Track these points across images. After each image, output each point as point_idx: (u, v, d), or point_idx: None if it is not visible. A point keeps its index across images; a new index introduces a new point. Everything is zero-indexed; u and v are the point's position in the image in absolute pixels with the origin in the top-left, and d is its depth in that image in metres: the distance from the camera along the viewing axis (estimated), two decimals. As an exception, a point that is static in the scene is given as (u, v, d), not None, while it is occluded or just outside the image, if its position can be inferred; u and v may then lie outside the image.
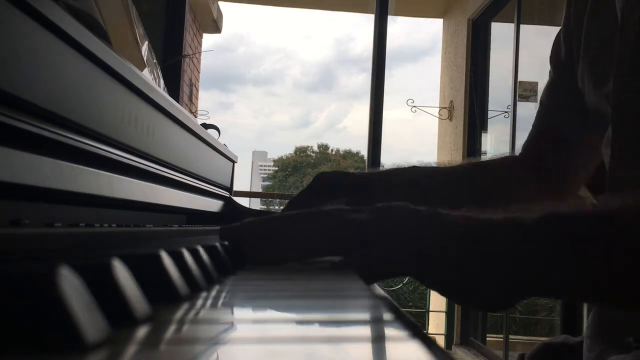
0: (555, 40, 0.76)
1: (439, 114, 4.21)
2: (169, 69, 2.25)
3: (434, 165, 0.83)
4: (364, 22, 72.21)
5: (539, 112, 0.79)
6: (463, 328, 3.67)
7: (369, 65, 2.99)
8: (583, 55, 0.68)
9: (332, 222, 0.45)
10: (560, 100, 0.75)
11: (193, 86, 3.55)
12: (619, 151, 0.59)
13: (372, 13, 3.01)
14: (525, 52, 3.27)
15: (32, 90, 0.41)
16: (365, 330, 0.24)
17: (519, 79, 3.24)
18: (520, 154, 0.82)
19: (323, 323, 0.25)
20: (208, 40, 9.49)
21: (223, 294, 0.33)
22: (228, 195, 1.26)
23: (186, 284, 0.29)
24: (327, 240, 0.45)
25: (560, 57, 0.74)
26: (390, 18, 3.02)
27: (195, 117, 3.06)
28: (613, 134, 0.60)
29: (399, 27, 65.23)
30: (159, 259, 0.27)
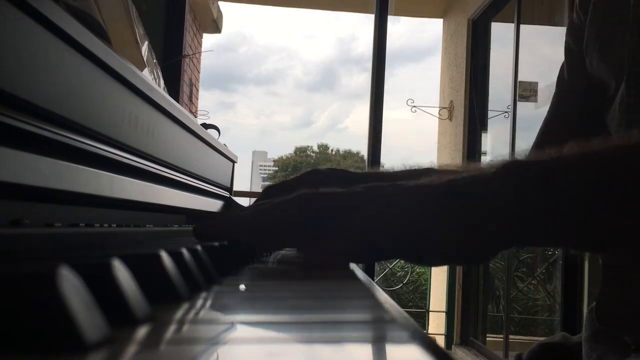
0: (570, 17, 0.75)
1: (439, 114, 4.21)
2: (169, 69, 2.24)
3: (438, 167, 0.80)
4: (367, 22, 72.17)
5: (556, 92, 0.77)
6: (463, 328, 3.67)
7: (371, 65, 2.98)
8: (590, 25, 0.67)
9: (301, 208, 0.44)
10: (578, 76, 0.73)
11: (193, 86, 3.55)
12: (634, 113, 0.58)
13: (372, 13, 3.01)
14: (525, 52, 3.27)
15: (32, 90, 0.41)
16: (367, 333, 0.24)
17: (519, 79, 3.24)
18: (534, 144, 0.79)
19: (324, 323, 0.25)
20: (209, 40, 9.49)
21: (223, 294, 0.33)
22: (228, 195, 1.26)
23: (186, 284, 0.29)
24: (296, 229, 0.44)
25: (575, 28, 0.72)
26: (393, 18, 3.02)
27: (195, 117, 3.06)
28: (627, 97, 0.58)
29: (402, 27, 65.24)
30: (159, 259, 0.27)
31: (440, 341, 3.61)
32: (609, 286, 0.62)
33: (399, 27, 59.78)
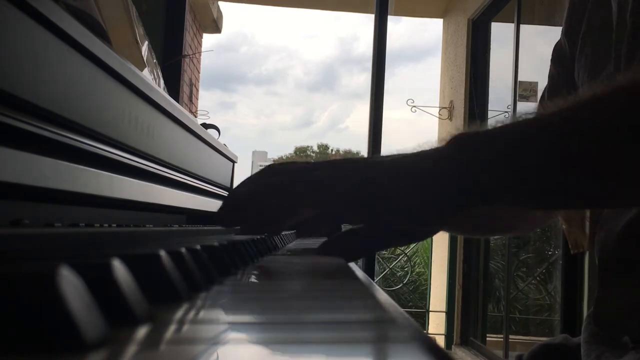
0: (558, 42, 0.76)
1: (439, 114, 4.21)
2: (169, 69, 2.24)
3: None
4: (367, 22, 72.04)
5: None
6: (463, 328, 3.67)
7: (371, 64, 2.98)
8: (581, 50, 0.68)
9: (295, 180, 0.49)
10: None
11: (193, 86, 3.55)
12: None
13: (373, 13, 3.00)
14: (525, 52, 3.27)
15: (32, 90, 0.41)
16: (368, 333, 0.24)
17: (519, 79, 3.24)
18: None
19: (324, 324, 0.25)
20: (209, 40, 9.48)
21: (223, 294, 0.33)
22: (228, 195, 1.26)
23: (186, 284, 0.29)
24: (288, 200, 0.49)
25: (563, 54, 0.73)
26: (394, 18, 3.02)
27: (195, 117, 3.06)
28: None
29: (402, 26, 65.04)
30: (159, 259, 0.27)
31: (440, 341, 3.61)
32: (605, 289, 0.62)
33: (399, 27, 59.97)
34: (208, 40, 7.42)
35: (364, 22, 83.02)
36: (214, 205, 1.13)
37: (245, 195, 0.51)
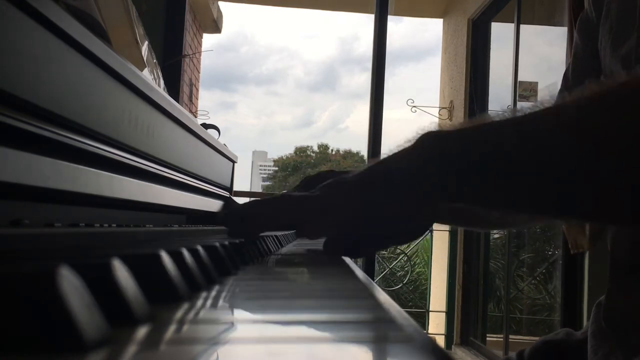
0: (583, 11, 0.74)
1: (439, 114, 4.21)
2: (169, 69, 2.24)
3: None
4: (368, 22, 71.95)
5: (561, 91, 0.76)
6: (463, 328, 3.67)
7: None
8: (606, 14, 0.66)
9: (285, 200, 0.58)
10: (584, 76, 0.72)
11: (193, 86, 3.55)
12: None
13: (373, 13, 3.00)
14: (525, 52, 3.27)
15: (32, 90, 0.41)
16: (367, 332, 0.24)
17: (519, 79, 3.24)
18: None
19: (324, 323, 0.25)
20: (209, 40, 9.48)
21: (223, 294, 0.33)
22: (228, 195, 1.26)
23: (186, 284, 0.29)
24: (283, 215, 0.56)
25: (588, 23, 0.72)
26: (396, 18, 3.03)
27: (195, 117, 3.06)
28: None
29: (403, 26, 65.07)
30: (159, 259, 0.27)
31: (440, 341, 3.61)
32: (617, 290, 0.61)
33: (399, 27, 60.19)
34: (208, 40, 7.43)
35: (364, 22, 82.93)
36: (214, 205, 1.13)
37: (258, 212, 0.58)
